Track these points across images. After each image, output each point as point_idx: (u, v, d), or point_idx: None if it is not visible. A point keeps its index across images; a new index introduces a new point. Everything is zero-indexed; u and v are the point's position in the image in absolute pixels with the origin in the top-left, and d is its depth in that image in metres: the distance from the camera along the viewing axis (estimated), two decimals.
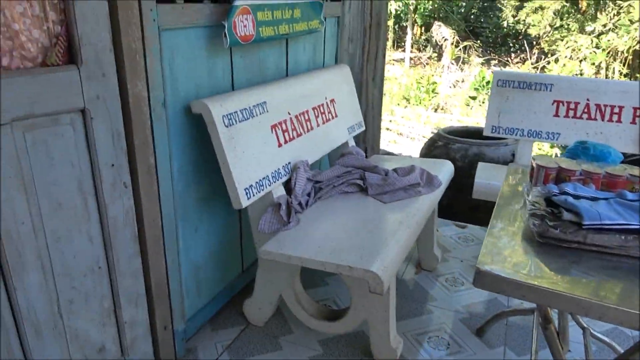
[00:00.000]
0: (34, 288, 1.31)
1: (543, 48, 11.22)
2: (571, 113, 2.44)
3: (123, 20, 1.32)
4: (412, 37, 12.73)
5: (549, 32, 10.68)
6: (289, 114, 1.96)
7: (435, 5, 12.95)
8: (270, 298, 1.93)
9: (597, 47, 9.63)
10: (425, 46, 13.16)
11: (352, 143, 2.45)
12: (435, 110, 8.52)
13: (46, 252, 1.31)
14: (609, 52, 9.45)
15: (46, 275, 1.33)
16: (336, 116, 2.34)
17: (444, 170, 2.33)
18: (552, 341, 1.32)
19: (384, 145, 6.73)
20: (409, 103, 8.63)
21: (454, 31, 12.79)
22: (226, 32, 1.58)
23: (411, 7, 11.25)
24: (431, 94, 8.59)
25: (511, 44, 12.93)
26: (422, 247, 2.45)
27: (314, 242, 1.66)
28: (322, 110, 2.21)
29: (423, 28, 13.20)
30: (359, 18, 2.75)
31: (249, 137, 1.71)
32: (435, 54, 12.34)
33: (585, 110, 2.43)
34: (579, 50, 9.92)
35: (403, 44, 12.57)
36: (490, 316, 2.01)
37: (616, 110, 2.38)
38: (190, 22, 1.55)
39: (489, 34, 13.18)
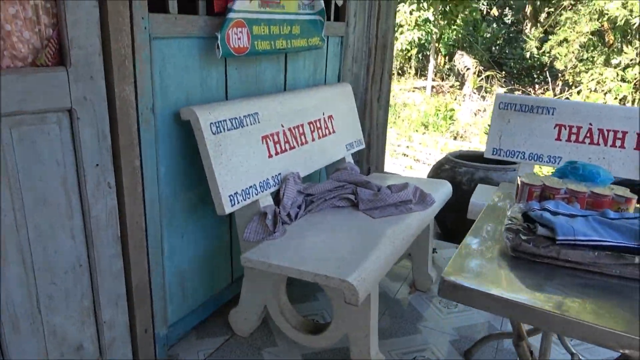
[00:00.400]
0: (14, 281, 1.34)
1: (567, 80, 11.12)
2: (573, 137, 2.41)
3: (113, 27, 1.39)
4: (435, 66, 12.80)
5: (575, 65, 10.60)
6: (282, 126, 2.00)
7: (460, 35, 13.04)
8: (256, 308, 1.93)
9: (623, 80, 9.49)
10: (449, 75, 13.19)
11: (350, 160, 2.46)
12: (455, 138, 8.47)
13: (27, 246, 1.35)
14: (635, 85, 9.30)
15: (27, 269, 1.36)
16: (334, 132, 2.36)
17: (441, 191, 2.32)
18: (523, 358, 1.28)
19: (399, 170, 6.72)
20: (427, 130, 8.62)
21: (476, 61, 12.81)
22: (219, 43, 1.63)
23: (434, 36, 11.32)
24: (448, 120, 8.57)
25: (535, 75, 12.86)
26: (416, 267, 2.42)
27: (296, 252, 1.67)
28: (318, 126, 2.24)
29: (447, 57, 13.26)
30: (364, 39, 2.80)
31: (237, 146, 1.74)
32: (458, 83, 12.34)
33: (588, 134, 2.39)
34: (604, 82, 9.80)
35: (426, 72, 12.63)
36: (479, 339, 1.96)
37: (619, 135, 2.34)
38: (184, 33, 1.61)
39: (512, 65, 13.16)
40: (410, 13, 11.30)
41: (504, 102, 2.54)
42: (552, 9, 11.92)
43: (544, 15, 12.50)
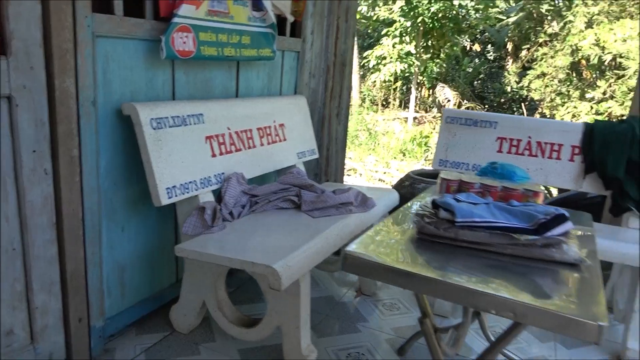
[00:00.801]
0: None
1: (544, 113, 11.45)
2: (513, 149, 2.53)
3: (55, 23, 1.48)
4: (419, 98, 13.13)
5: (552, 99, 10.94)
6: (229, 129, 2.09)
7: (443, 69, 13.43)
8: (195, 304, 1.97)
9: (597, 113, 9.81)
10: (432, 107, 13.52)
11: (302, 168, 2.55)
12: (430, 164, 8.67)
13: None
14: (607, 117, 9.61)
15: None
16: (285, 140, 2.46)
17: (387, 197, 2.41)
18: (428, 335, 1.34)
19: None
20: (405, 156, 8.79)
21: (457, 93, 13.17)
22: (163, 45, 1.74)
23: (416, 69, 11.66)
24: (423, 146, 8.79)
25: (515, 108, 13.21)
26: None
27: (229, 244, 1.73)
28: (268, 132, 2.34)
29: (431, 90, 13.61)
30: (322, 56, 2.94)
31: (179, 143, 1.82)
32: (440, 114, 12.65)
33: (527, 147, 2.51)
34: (579, 116, 10.10)
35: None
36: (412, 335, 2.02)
37: (556, 147, 2.46)
38: (129, 34, 1.71)
39: (493, 98, 13.52)
40: (393, 46, 11.65)
41: (451, 116, 2.67)
42: (529, 45, 12.37)
43: (524, 51, 12.96)
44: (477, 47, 14.81)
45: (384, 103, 13.75)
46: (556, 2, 11.61)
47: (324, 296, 2.47)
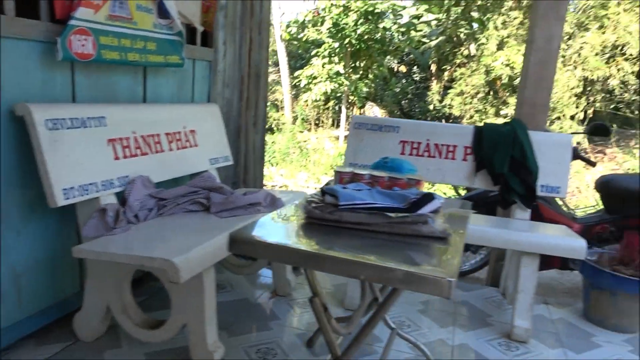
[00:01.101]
0: None
1: None
2: (414, 151, 2.72)
3: None
4: (350, 116, 13.48)
5: (472, 115, 11.67)
6: (134, 133, 2.11)
7: (371, 89, 13.96)
8: (99, 309, 1.94)
9: None
10: None
11: (214, 173, 2.59)
12: None
13: None
14: None
15: None
16: (196, 145, 2.49)
17: (297, 199, 2.49)
18: (318, 313, 1.42)
19: None
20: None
21: (386, 111, 13.72)
22: (59, 47, 1.74)
23: (345, 88, 12.02)
24: None
25: None
26: (276, 274, 2.54)
27: (130, 243, 1.74)
28: (177, 138, 2.37)
29: (362, 108, 14.05)
30: (236, 67, 3.02)
31: (77, 144, 1.82)
32: None
33: (426, 149, 2.71)
34: None
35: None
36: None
37: (451, 149, 2.67)
38: (21, 34, 1.71)
39: (419, 116, 14.17)
40: (323, 66, 11.98)
41: (358, 122, 2.83)
42: (449, 66, 13.17)
43: (445, 72, 13.78)
44: (403, 69, 15.56)
45: (317, 122, 14.04)
46: (472, 26, 12.49)
47: (238, 299, 2.50)
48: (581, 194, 7.66)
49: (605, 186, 3.20)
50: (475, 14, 11.95)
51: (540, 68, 2.58)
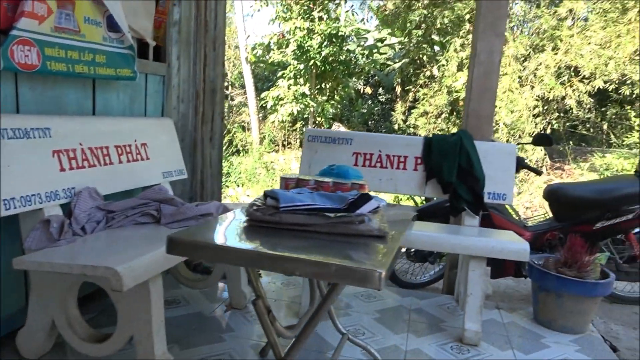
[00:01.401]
0: None
1: None
2: (367, 163, 2.78)
3: None
4: None
5: (435, 133, 11.95)
6: (81, 144, 2.09)
7: (338, 110, 14.17)
8: (43, 324, 1.89)
9: None
10: None
11: (167, 186, 2.58)
12: None
13: None
14: None
15: None
16: (148, 159, 2.49)
17: None
18: (261, 315, 1.43)
19: None
20: None
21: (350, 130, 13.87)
22: (0, 57, 1.73)
23: (311, 109, 12.16)
24: None
25: None
26: (231, 286, 2.53)
27: (73, 254, 1.71)
28: (128, 150, 2.36)
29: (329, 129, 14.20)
30: (191, 82, 3.05)
31: (20, 155, 1.80)
32: None
33: (379, 160, 2.78)
34: None
35: None
36: None
37: (402, 159, 2.75)
38: None
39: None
40: (288, 87, 12.11)
41: (312, 135, 2.88)
42: (412, 87, 13.51)
43: (411, 94, 14.13)
44: (369, 90, 15.88)
45: (285, 143, 14.10)
46: (434, 48, 12.90)
47: (193, 313, 2.48)
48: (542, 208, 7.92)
49: (552, 195, 3.34)
50: (436, 37, 12.38)
51: (483, 80, 2.70)
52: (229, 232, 1.46)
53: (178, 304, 2.57)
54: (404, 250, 3.56)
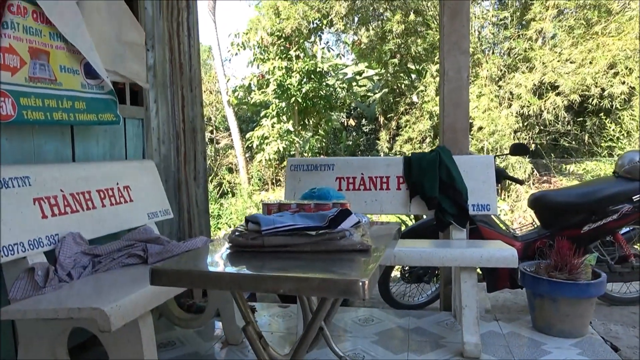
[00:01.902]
0: None
1: None
2: (351, 186, 2.81)
3: None
4: None
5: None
6: (62, 191, 2.10)
7: (323, 144, 14.31)
8: None
9: None
10: None
11: (153, 227, 2.57)
12: None
13: None
14: None
15: None
16: (131, 201, 2.49)
17: None
18: (252, 341, 1.41)
19: None
20: None
21: None
22: None
23: (297, 145, 12.28)
24: None
25: None
26: (225, 323, 2.49)
27: (59, 299, 1.69)
28: (110, 194, 2.37)
29: None
30: (170, 123, 3.09)
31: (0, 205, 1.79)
32: None
33: (362, 182, 2.81)
34: None
35: None
36: None
37: (384, 180, 2.78)
38: None
39: None
40: (272, 126, 12.25)
41: (294, 164, 2.92)
42: (393, 114, 13.74)
43: (392, 122, 14.36)
44: (352, 122, 16.11)
45: (274, 181, 14.14)
46: (411, 76, 13.22)
47: (189, 352, 2.43)
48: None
49: (537, 202, 3.37)
50: (411, 66, 12.70)
51: (455, 95, 2.78)
52: (212, 259, 1.46)
53: (173, 345, 2.52)
54: (398, 272, 3.55)
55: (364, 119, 16.06)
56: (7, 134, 2.00)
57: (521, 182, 3.36)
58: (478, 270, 2.82)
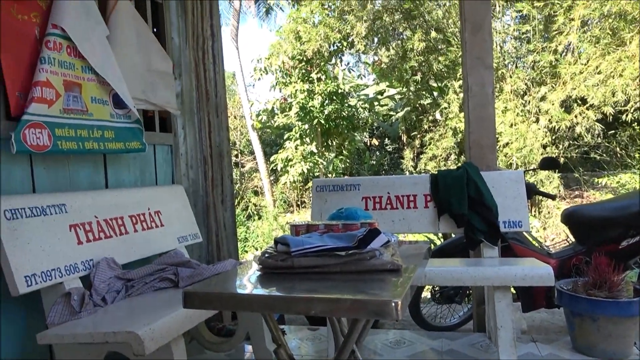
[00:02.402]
0: None
1: None
2: (377, 205, 2.79)
3: None
4: None
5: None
6: (96, 217, 2.15)
7: (347, 164, 14.33)
8: None
9: None
10: None
11: (183, 250, 2.60)
12: None
13: None
14: None
15: None
16: (162, 225, 2.53)
17: None
18: None
19: None
20: None
21: None
22: (13, 141, 1.83)
23: (321, 167, 12.32)
24: None
25: None
26: (255, 345, 2.48)
27: (95, 324, 1.72)
28: (142, 219, 2.42)
29: None
30: (198, 149, 3.15)
31: (38, 232, 1.85)
32: None
33: (388, 202, 2.79)
34: None
35: None
36: None
37: (411, 198, 2.76)
38: None
39: None
40: (296, 148, 12.34)
41: (320, 185, 2.92)
42: (417, 133, 13.68)
43: (416, 140, 14.30)
44: (375, 142, 16.11)
45: (299, 203, 14.18)
46: (433, 93, 13.17)
47: None
48: None
49: (571, 218, 3.28)
50: (433, 83, 12.68)
51: (480, 111, 2.76)
52: (243, 281, 1.47)
53: None
54: (429, 292, 3.48)
55: (387, 138, 16.05)
56: (45, 163, 2.07)
57: (553, 197, 3.28)
58: (512, 289, 2.75)
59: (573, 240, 3.34)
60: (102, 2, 2.41)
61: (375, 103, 13.88)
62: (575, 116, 9.18)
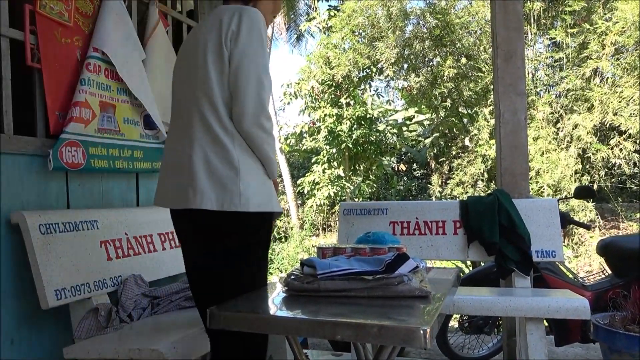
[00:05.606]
0: None
1: None
2: (405, 231, 2.75)
3: None
4: None
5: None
6: (126, 234, 2.19)
7: (374, 189, 14.26)
8: None
9: None
10: None
11: None
12: None
13: None
14: None
15: None
16: None
17: None
18: None
19: None
20: None
21: None
22: (51, 158, 1.89)
23: (347, 191, 12.30)
24: None
25: None
26: None
27: (120, 340, 1.73)
28: (170, 237, 2.44)
29: None
30: None
31: (70, 247, 1.89)
32: None
33: (416, 227, 2.74)
34: None
35: None
36: None
37: (440, 224, 2.71)
38: (19, 150, 1.87)
39: None
40: (323, 172, 12.37)
41: (347, 209, 2.91)
42: (445, 159, 13.54)
43: (444, 165, 14.16)
44: (403, 167, 16.02)
45: (325, 227, 14.13)
46: (462, 120, 13.06)
47: None
48: None
49: (607, 249, 3.16)
50: (462, 110, 12.59)
51: (512, 138, 2.71)
52: (268, 303, 1.45)
53: None
54: (457, 322, 3.38)
55: (415, 164, 15.94)
56: (80, 179, 2.13)
57: (588, 227, 3.17)
58: (545, 321, 2.64)
59: (610, 272, 3.21)
60: (140, 25, 2.50)
61: (404, 128, 13.85)
62: (612, 148, 8.93)
